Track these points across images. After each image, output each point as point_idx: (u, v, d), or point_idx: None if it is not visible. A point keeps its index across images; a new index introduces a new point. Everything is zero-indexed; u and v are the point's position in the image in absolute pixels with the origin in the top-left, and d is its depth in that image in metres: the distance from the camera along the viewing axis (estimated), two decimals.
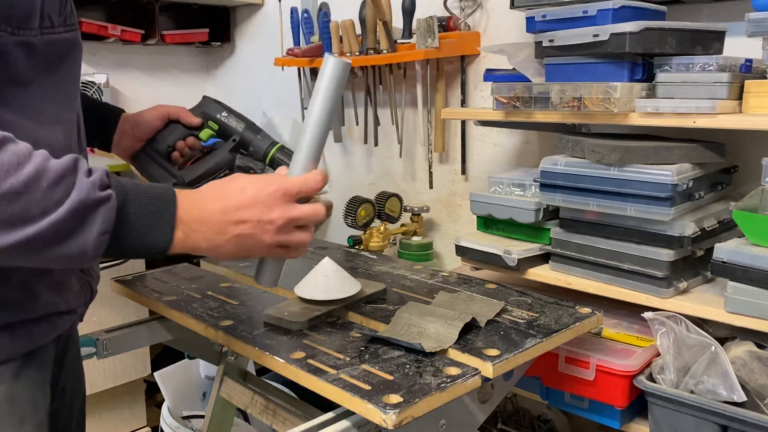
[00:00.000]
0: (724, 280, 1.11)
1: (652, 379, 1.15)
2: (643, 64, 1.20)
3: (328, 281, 1.11)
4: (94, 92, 2.16)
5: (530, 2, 1.47)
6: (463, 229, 1.86)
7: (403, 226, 1.88)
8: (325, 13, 1.92)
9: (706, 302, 1.16)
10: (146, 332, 1.29)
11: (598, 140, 1.24)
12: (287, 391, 1.53)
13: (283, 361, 0.93)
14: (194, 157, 1.21)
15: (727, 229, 1.25)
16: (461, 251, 1.45)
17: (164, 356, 2.08)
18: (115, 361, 1.92)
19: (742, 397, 1.05)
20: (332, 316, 1.09)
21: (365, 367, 0.89)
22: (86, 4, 2.21)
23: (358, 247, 1.76)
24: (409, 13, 1.76)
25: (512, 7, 1.52)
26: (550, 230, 1.35)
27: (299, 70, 2.11)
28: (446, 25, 1.74)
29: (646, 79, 1.21)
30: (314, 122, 0.87)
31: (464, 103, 1.79)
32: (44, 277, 0.81)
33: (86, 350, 1.18)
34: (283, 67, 2.08)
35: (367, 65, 1.87)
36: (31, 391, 0.82)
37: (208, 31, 2.48)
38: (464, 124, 1.81)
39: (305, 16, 2.03)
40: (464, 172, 1.85)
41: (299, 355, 0.93)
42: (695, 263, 1.23)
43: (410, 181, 2.01)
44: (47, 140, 0.77)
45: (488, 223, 1.47)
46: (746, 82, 1.10)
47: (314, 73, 2.09)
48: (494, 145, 1.78)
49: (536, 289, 1.28)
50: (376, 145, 2.00)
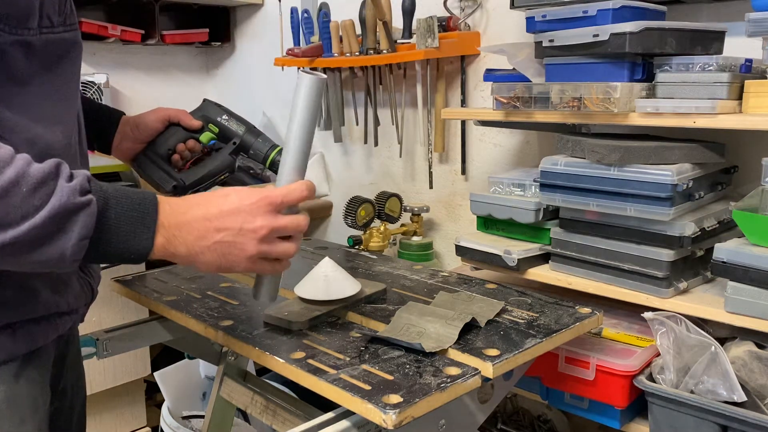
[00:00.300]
0: (724, 280, 1.11)
1: (652, 379, 1.15)
2: (643, 64, 1.20)
3: (328, 281, 1.11)
4: (94, 92, 2.16)
5: (530, 2, 1.47)
6: (463, 229, 1.86)
7: (403, 226, 1.88)
8: (325, 13, 1.92)
9: (706, 302, 1.16)
10: (146, 332, 1.29)
11: (598, 140, 1.24)
12: (287, 391, 1.53)
13: (283, 361, 0.93)
14: (194, 158, 1.20)
15: (727, 229, 1.25)
16: (461, 251, 1.45)
17: (164, 356, 2.08)
18: (115, 361, 1.92)
19: (742, 397, 1.05)
20: (332, 316, 1.09)
21: (365, 367, 0.89)
22: (86, 4, 2.21)
23: (358, 247, 1.76)
24: (409, 13, 1.76)
25: (512, 7, 1.52)
26: (550, 230, 1.35)
27: (299, 70, 2.10)
28: (446, 25, 1.74)
29: (646, 79, 1.21)
30: (295, 136, 0.88)
31: (464, 103, 1.79)
32: (45, 277, 0.81)
33: (86, 350, 1.18)
34: (283, 67, 2.08)
35: (367, 65, 1.87)
36: (31, 391, 0.82)
37: (208, 31, 2.48)
38: (464, 124, 1.81)
39: (305, 16, 2.03)
40: (464, 172, 1.85)
41: (299, 355, 0.93)
42: (695, 263, 1.23)
43: (410, 181, 2.01)
44: (46, 140, 0.76)
45: (488, 223, 1.47)
46: (746, 82, 1.11)
47: None
48: (494, 145, 1.78)
49: (536, 289, 1.28)
50: (376, 145, 2.00)
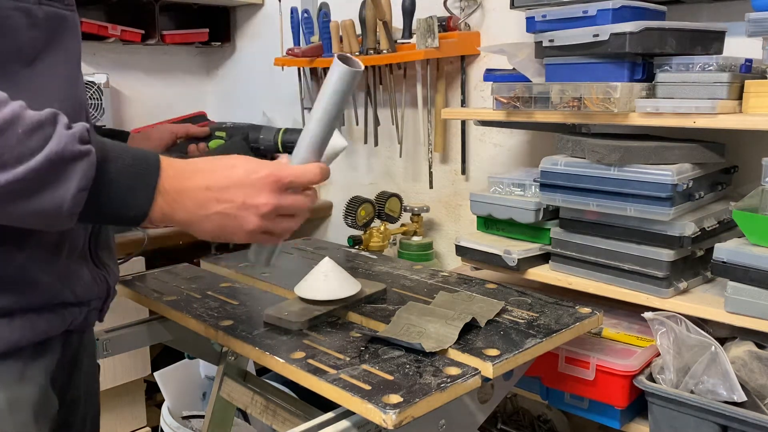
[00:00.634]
0: (724, 280, 1.12)
1: (652, 379, 1.15)
2: (643, 64, 1.20)
3: (328, 281, 1.11)
4: (94, 92, 2.16)
5: (530, 2, 1.47)
6: (463, 229, 1.86)
7: (403, 226, 1.88)
8: (325, 13, 1.92)
9: (706, 302, 1.16)
10: (146, 332, 1.29)
11: (598, 140, 1.24)
12: (287, 391, 1.53)
13: (283, 361, 0.92)
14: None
15: (727, 229, 1.25)
16: (461, 251, 1.45)
17: (164, 356, 2.08)
18: (115, 361, 1.92)
19: (742, 397, 1.05)
20: (332, 316, 1.09)
21: (365, 367, 0.89)
22: (86, 4, 2.21)
23: (358, 247, 1.76)
24: (409, 13, 1.76)
25: (512, 7, 1.52)
26: (550, 230, 1.35)
27: (299, 70, 2.11)
28: (446, 25, 1.74)
29: (646, 79, 1.21)
30: (317, 117, 0.84)
31: (464, 103, 1.79)
32: (48, 262, 0.78)
33: None
34: (283, 67, 2.08)
35: (367, 65, 1.86)
36: (35, 395, 0.79)
37: (208, 31, 2.48)
38: (464, 124, 1.81)
39: (305, 16, 2.03)
40: (464, 172, 1.85)
41: (299, 355, 0.93)
42: (695, 263, 1.23)
43: (410, 181, 2.01)
44: None
45: (488, 223, 1.47)
46: (746, 82, 1.11)
47: (314, 73, 2.09)
48: (494, 145, 1.78)
49: (536, 289, 1.28)
50: (376, 145, 2.00)
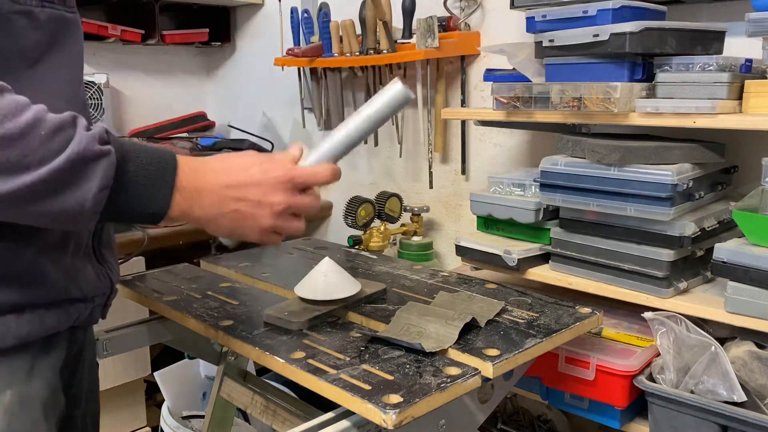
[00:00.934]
0: (724, 280, 1.12)
1: (652, 379, 1.15)
2: (643, 64, 1.20)
3: (328, 281, 1.11)
4: (94, 92, 2.16)
5: (530, 2, 1.47)
6: (463, 229, 1.86)
7: (403, 226, 1.88)
8: (325, 13, 1.92)
9: (706, 302, 1.16)
10: (146, 332, 1.29)
11: (598, 140, 1.24)
12: (287, 391, 1.53)
13: (283, 361, 0.92)
14: None
15: (727, 229, 1.25)
16: (461, 251, 1.45)
17: (164, 356, 2.08)
18: (115, 361, 1.91)
19: (742, 397, 1.05)
20: (332, 316, 1.09)
21: (365, 367, 0.89)
22: (86, 4, 2.21)
23: (358, 247, 1.76)
24: (409, 13, 1.76)
25: (512, 7, 1.52)
26: (550, 230, 1.35)
27: (299, 70, 2.11)
28: (446, 25, 1.74)
29: (646, 79, 1.21)
30: (352, 122, 0.88)
31: (464, 103, 1.79)
32: (55, 259, 0.79)
33: None
34: (283, 67, 2.08)
35: (367, 65, 1.86)
36: (44, 392, 0.80)
37: (208, 31, 2.48)
38: (464, 124, 1.81)
39: (305, 16, 2.03)
40: (464, 172, 1.85)
41: (299, 355, 0.93)
42: (695, 263, 1.23)
43: (410, 181, 2.01)
44: None
45: (488, 223, 1.47)
46: (746, 82, 1.10)
47: (314, 73, 2.09)
48: (494, 145, 1.78)
49: (536, 289, 1.28)
50: (376, 145, 2.00)
